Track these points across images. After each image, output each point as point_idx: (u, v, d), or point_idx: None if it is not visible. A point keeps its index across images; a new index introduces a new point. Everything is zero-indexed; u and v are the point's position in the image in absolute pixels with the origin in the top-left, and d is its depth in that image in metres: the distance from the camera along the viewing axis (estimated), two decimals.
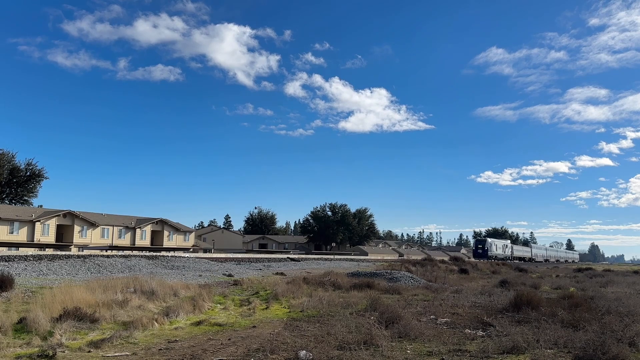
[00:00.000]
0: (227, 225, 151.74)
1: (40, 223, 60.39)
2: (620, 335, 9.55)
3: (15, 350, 8.47)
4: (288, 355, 8.37)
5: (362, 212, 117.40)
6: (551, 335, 9.83)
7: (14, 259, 23.21)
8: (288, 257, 47.76)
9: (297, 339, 9.61)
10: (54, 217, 62.69)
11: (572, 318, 11.69)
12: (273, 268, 32.44)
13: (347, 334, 9.85)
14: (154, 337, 10.09)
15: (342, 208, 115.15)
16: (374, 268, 35.45)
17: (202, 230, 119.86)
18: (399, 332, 10.13)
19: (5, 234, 56.90)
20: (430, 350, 8.86)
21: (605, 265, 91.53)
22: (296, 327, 11.24)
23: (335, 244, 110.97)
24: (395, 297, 17.34)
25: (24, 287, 15.04)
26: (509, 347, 8.80)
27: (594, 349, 8.14)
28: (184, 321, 11.77)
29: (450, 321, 12.20)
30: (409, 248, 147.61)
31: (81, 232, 65.49)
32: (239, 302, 15.33)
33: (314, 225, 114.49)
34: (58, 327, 9.83)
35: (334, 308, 14.06)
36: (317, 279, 22.00)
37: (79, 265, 23.32)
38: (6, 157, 72.89)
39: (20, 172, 74.51)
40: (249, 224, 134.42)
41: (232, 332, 10.80)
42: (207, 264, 29.73)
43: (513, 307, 13.77)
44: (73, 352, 8.56)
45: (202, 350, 8.86)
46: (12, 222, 57.89)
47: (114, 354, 8.59)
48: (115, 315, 11.38)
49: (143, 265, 25.88)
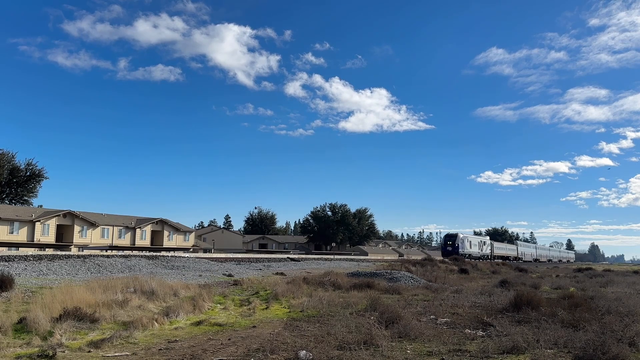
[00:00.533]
0: (227, 225, 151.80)
1: (40, 223, 60.39)
2: (620, 335, 9.55)
3: (15, 350, 8.47)
4: (288, 355, 8.37)
5: (362, 212, 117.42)
6: (551, 335, 9.83)
7: (14, 259, 23.21)
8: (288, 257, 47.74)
9: (297, 339, 9.61)
10: (54, 217, 62.69)
11: (572, 318, 11.69)
12: (273, 268, 32.43)
13: (347, 334, 9.85)
14: (154, 337, 10.08)
15: (342, 208, 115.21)
16: (374, 268, 35.44)
17: (202, 230, 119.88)
18: (399, 332, 10.13)
19: (5, 234, 56.90)
20: (430, 350, 8.86)
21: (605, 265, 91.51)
22: (296, 327, 11.24)
23: (335, 244, 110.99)
24: (395, 297, 17.33)
25: (24, 287, 15.03)
26: (509, 347, 8.80)
27: (594, 349, 8.14)
28: (184, 321, 11.77)
29: (450, 321, 12.20)
30: (409, 248, 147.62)
31: (81, 232, 65.49)
32: (239, 302, 15.33)
33: (314, 225, 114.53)
34: (58, 327, 9.83)
35: (334, 308, 14.06)
36: (317, 279, 22.00)
37: (79, 265, 23.31)
38: (6, 157, 72.91)
39: (20, 172, 74.52)
40: (249, 224, 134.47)
41: (232, 332, 10.80)
42: (207, 264, 29.73)
43: (513, 307, 13.77)
44: (73, 352, 8.56)
45: (202, 350, 8.86)
46: (12, 222, 57.90)
47: (114, 354, 8.59)
48: (115, 315, 11.37)
49: (143, 265, 25.87)
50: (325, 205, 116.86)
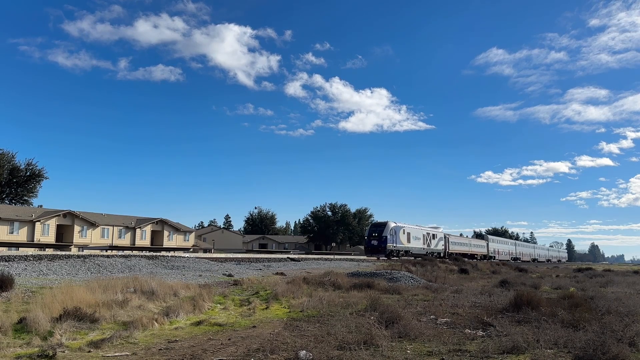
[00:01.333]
0: (227, 225, 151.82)
1: (40, 223, 60.38)
2: (621, 335, 9.54)
3: (15, 350, 8.47)
4: (288, 355, 8.37)
5: (362, 212, 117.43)
6: (551, 335, 9.83)
7: (14, 259, 23.21)
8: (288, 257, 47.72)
9: (297, 339, 9.60)
10: (54, 217, 62.68)
11: (572, 318, 11.68)
12: (273, 268, 32.43)
13: (347, 334, 9.85)
14: (154, 337, 10.08)
15: (342, 208, 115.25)
16: (374, 268, 35.45)
17: (202, 230, 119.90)
18: (399, 332, 10.13)
19: (5, 234, 56.90)
20: (430, 350, 8.85)
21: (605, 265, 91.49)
22: (296, 327, 11.24)
23: (335, 244, 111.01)
24: (395, 297, 17.33)
25: (24, 287, 15.03)
26: (509, 347, 8.80)
27: (594, 349, 8.13)
28: (184, 321, 11.77)
29: (450, 321, 12.20)
30: None
31: (81, 232, 65.49)
32: (239, 302, 15.32)
33: (314, 225, 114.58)
34: (58, 327, 9.83)
35: (334, 308, 14.06)
36: (317, 279, 21.99)
37: (79, 265, 23.31)
38: (6, 157, 72.94)
39: (20, 172, 74.54)
40: (249, 224, 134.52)
41: (232, 332, 10.80)
42: (207, 264, 29.72)
43: (513, 307, 13.76)
44: (73, 352, 8.56)
45: (202, 350, 8.86)
46: (12, 222, 57.89)
47: (114, 354, 8.59)
48: (115, 315, 11.37)
49: (143, 265, 25.87)
50: (325, 205, 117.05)
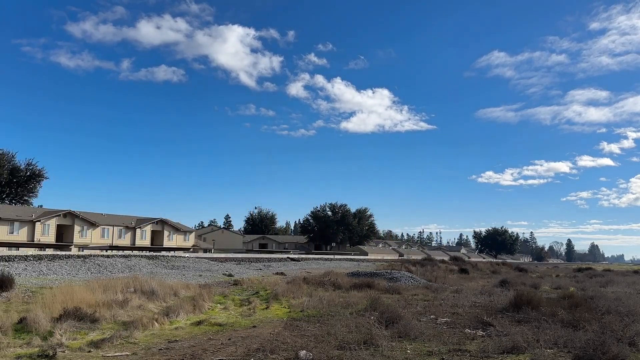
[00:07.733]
0: (227, 225, 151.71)
1: (40, 223, 60.38)
2: (620, 335, 9.55)
3: (16, 350, 8.47)
4: (288, 355, 8.37)
5: (362, 212, 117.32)
6: (551, 335, 9.83)
7: (14, 259, 23.22)
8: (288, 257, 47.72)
9: (297, 339, 9.61)
10: (54, 217, 62.67)
11: (572, 318, 11.69)
12: (273, 268, 32.42)
13: (347, 334, 9.85)
14: (154, 337, 10.08)
15: (342, 208, 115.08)
16: (374, 268, 35.45)
17: (202, 230, 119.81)
18: (399, 332, 10.13)
19: (5, 234, 56.90)
20: (430, 350, 8.86)
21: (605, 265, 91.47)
22: (296, 327, 11.24)
23: (335, 244, 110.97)
24: (395, 297, 17.33)
25: (24, 287, 15.04)
26: (509, 347, 8.80)
27: (594, 349, 8.13)
28: (184, 321, 11.77)
29: (450, 321, 12.21)
30: (409, 248, 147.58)
31: (81, 232, 65.46)
32: (239, 302, 15.33)
33: (314, 225, 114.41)
34: (58, 327, 9.83)
35: (334, 308, 14.07)
36: (317, 279, 22.00)
37: (79, 265, 23.31)
38: (6, 157, 72.85)
39: (20, 172, 74.45)
40: (249, 224, 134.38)
41: (232, 332, 10.80)
42: (207, 264, 29.73)
43: (513, 307, 13.77)
44: (73, 352, 8.56)
45: (202, 350, 8.86)
46: (12, 222, 57.87)
47: (114, 353, 8.59)
48: (116, 315, 11.37)
49: (143, 265, 25.87)
50: (326, 205, 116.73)
